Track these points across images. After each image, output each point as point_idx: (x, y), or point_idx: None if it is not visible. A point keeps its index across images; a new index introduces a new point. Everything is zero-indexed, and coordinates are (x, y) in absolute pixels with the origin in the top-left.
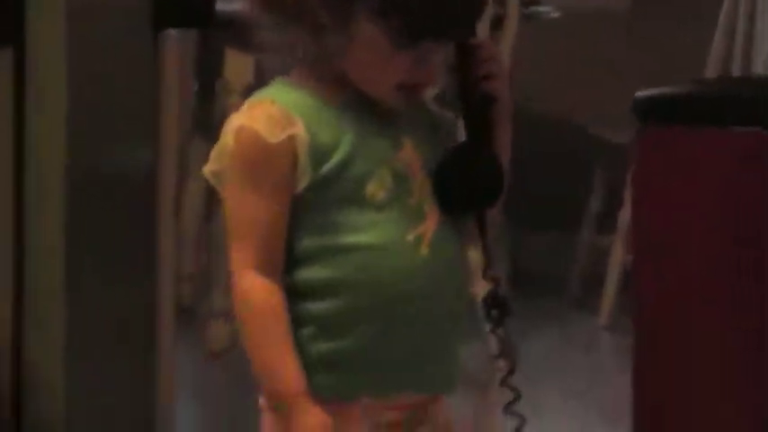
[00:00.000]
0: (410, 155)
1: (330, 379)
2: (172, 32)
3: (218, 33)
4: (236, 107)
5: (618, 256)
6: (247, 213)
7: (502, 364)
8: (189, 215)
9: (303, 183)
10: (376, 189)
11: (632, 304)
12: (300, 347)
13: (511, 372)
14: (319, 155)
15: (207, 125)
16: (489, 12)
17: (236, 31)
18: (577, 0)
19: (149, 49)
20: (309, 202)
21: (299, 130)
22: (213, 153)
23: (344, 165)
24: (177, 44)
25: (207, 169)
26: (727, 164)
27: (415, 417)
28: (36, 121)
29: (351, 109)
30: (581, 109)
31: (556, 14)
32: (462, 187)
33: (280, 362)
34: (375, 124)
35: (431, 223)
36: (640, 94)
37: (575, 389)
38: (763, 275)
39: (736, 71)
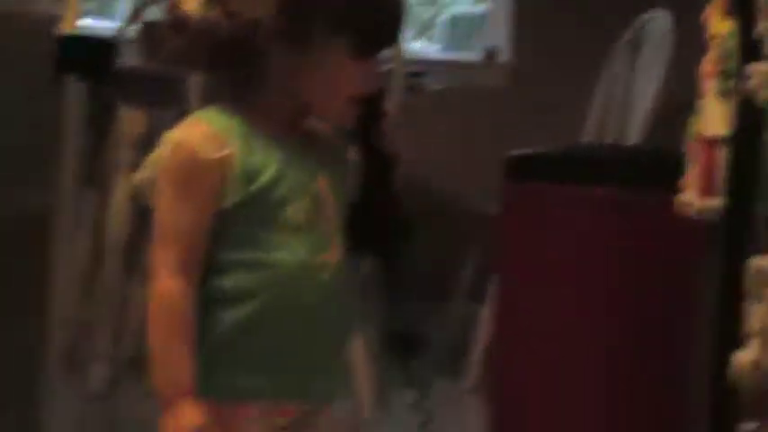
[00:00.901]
0: (324, 187)
1: (233, 380)
2: (72, 81)
3: (111, 87)
4: (128, 160)
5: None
6: (174, 220)
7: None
8: (77, 265)
9: (233, 199)
10: (294, 213)
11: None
12: (210, 350)
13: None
14: (249, 175)
15: (98, 177)
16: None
17: (129, 86)
18: (459, 75)
19: (51, 94)
20: (233, 217)
21: (233, 150)
22: (146, 162)
23: (270, 187)
24: (77, 91)
25: (138, 177)
26: (585, 217)
27: (303, 422)
28: None
29: (276, 139)
30: (458, 179)
31: (438, 87)
32: (379, 230)
33: (177, 361)
34: (297, 155)
35: (335, 253)
36: (509, 154)
37: None
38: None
39: (611, 138)
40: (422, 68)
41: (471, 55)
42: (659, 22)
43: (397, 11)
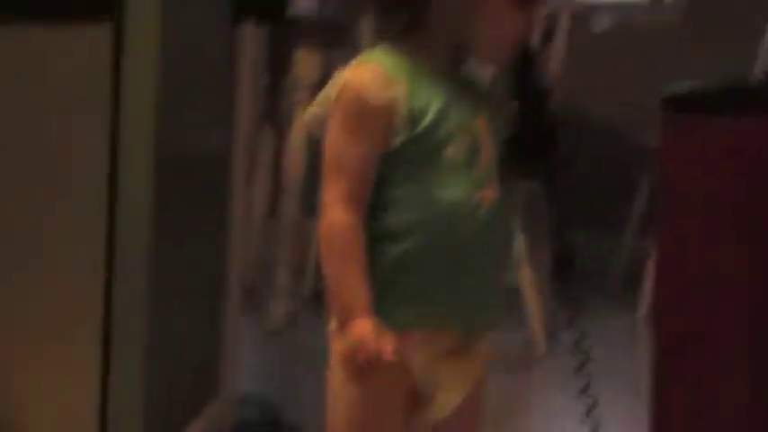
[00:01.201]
0: (483, 127)
1: (397, 311)
2: (248, 26)
3: (289, 31)
4: (304, 103)
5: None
6: (344, 156)
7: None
8: (256, 203)
9: (399, 139)
10: (453, 153)
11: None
12: (375, 284)
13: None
14: (414, 116)
15: (275, 119)
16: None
17: (305, 30)
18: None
19: (228, 38)
20: (399, 156)
21: (400, 92)
22: (317, 99)
23: (433, 127)
24: (252, 37)
25: (308, 112)
26: (745, 153)
27: (466, 346)
28: (130, 93)
29: (439, 79)
30: (629, 115)
31: (607, 27)
32: (538, 156)
33: (352, 287)
34: (458, 95)
35: (491, 191)
36: (667, 88)
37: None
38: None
39: None
40: (589, 10)
41: None
42: None
43: None
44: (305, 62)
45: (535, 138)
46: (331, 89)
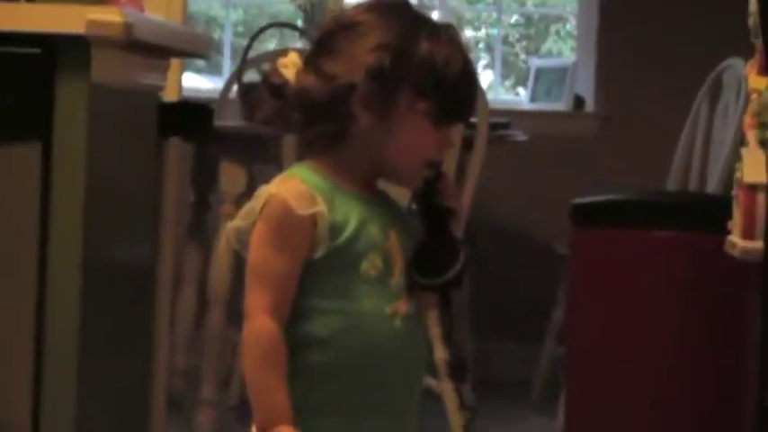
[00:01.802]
0: (394, 244)
1: (316, 420)
2: (174, 141)
3: (214, 146)
4: (229, 216)
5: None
6: (268, 266)
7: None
8: (181, 317)
9: (320, 251)
10: (369, 267)
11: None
12: (295, 389)
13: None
14: (334, 231)
15: (201, 233)
16: (461, 133)
17: (230, 145)
18: (545, 125)
19: (155, 153)
20: (319, 268)
21: (322, 208)
22: (241, 213)
23: (350, 242)
24: (178, 152)
25: (232, 224)
26: (649, 262)
27: None
28: (59, 209)
29: (356, 196)
30: (546, 225)
31: (523, 138)
32: (437, 270)
33: (274, 393)
34: (372, 211)
35: (403, 303)
36: (575, 201)
37: None
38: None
39: (694, 185)
40: (508, 119)
41: (558, 105)
42: (735, 70)
43: (476, 83)
44: (230, 176)
45: (436, 254)
46: (255, 202)
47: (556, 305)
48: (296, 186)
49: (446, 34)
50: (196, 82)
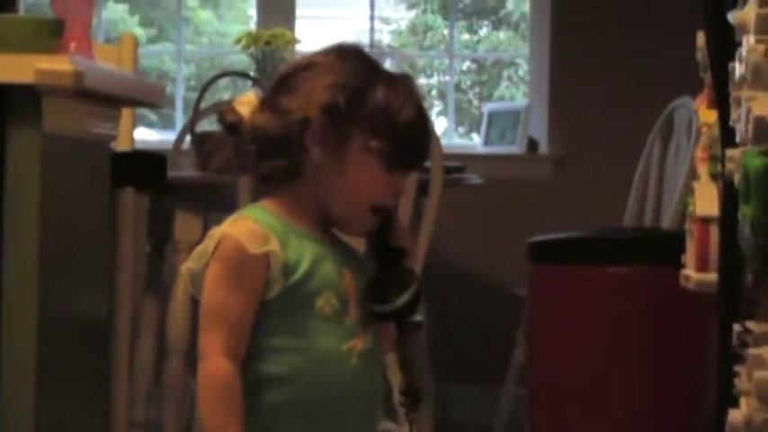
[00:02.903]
0: (349, 282)
1: None
2: (128, 191)
3: (168, 197)
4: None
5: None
6: (224, 307)
7: None
8: (140, 368)
9: (275, 290)
10: (324, 305)
11: None
12: (252, 429)
13: None
14: (288, 270)
15: (157, 284)
16: (416, 178)
17: (185, 194)
18: (499, 168)
19: (108, 204)
20: (273, 307)
21: (275, 247)
22: (193, 254)
23: (304, 280)
24: (132, 203)
25: (185, 266)
26: (606, 297)
27: None
28: (12, 262)
29: (308, 236)
30: (503, 268)
31: (478, 181)
32: (389, 297)
33: None
34: (325, 251)
35: (360, 340)
36: (532, 239)
37: None
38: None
39: (649, 223)
40: (463, 163)
41: (512, 148)
42: (686, 109)
43: (429, 130)
44: (185, 226)
45: (388, 282)
46: (208, 243)
47: (515, 347)
48: (248, 226)
49: (402, 82)
50: (149, 136)
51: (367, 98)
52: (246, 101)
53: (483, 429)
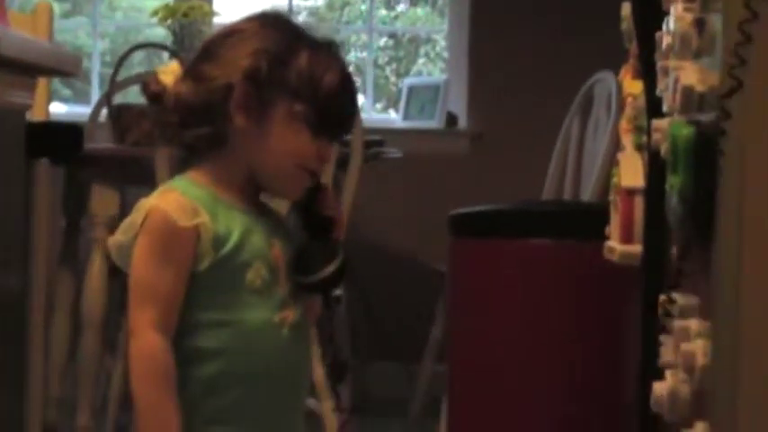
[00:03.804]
0: (278, 252)
1: (209, 431)
2: (44, 163)
3: (84, 170)
4: (101, 240)
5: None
6: (152, 281)
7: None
8: (55, 345)
9: (204, 264)
10: (254, 277)
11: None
12: (183, 403)
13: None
14: (218, 242)
15: (73, 259)
16: (335, 151)
17: (102, 167)
18: (419, 142)
19: (23, 175)
20: (203, 280)
21: (205, 219)
22: (121, 227)
23: (234, 253)
24: (47, 175)
25: (113, 239)
26: (527, 270)
27: None
28: None
29: (237, 207)
30: (422, 243)
31: (398, 155)
32: (314, 268)
33: (164, 410)
34: (254, 222)
35: (291, 311)
36: (452, 213)
37: None
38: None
39: (568, 198)
40: (382, 137)
41: (431, 123)
42: (605, 84)
43: (354, 97)
44: (101, 199)
45: (314, 252)
46: (136, 216)
47: (434, 322)
48: (176, 198)
49: (327, 49)
50: (63, 110)
51: (290, 64)
52: (170, 70)
53: (400, 405)
